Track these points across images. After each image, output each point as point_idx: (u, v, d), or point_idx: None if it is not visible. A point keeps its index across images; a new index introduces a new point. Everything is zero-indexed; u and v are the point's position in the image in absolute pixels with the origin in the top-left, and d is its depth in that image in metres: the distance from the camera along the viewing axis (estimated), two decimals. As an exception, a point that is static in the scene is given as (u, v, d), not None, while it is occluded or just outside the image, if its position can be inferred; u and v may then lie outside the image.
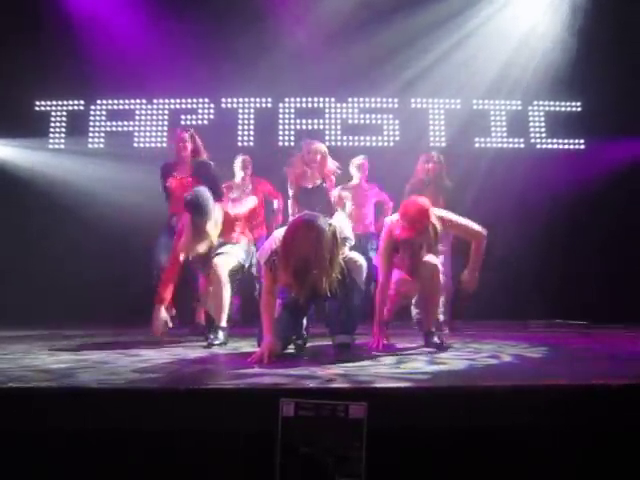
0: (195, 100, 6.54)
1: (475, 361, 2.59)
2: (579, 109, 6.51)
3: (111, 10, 6.19)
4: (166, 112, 6.58)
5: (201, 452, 1.71)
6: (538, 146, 6.55)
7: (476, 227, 3.20)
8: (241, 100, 6.57)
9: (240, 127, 6.50)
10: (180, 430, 1.72)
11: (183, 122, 6.47)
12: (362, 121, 6.51)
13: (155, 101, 6.57)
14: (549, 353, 2.90)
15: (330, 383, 1.92)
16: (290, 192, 4.67)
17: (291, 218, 3.85)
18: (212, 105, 6.53)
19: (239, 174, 5.10)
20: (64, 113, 6.54)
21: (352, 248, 2.81)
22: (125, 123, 6.55)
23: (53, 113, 6.54)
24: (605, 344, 3.53)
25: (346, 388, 1.85)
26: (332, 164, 4.62)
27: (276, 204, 5.20)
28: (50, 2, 6.21)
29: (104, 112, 6.56)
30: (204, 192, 3.37)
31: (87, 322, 5.04)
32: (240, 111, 6.55)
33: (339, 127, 6.49)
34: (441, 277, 3.19)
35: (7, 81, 5.97)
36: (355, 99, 6.54)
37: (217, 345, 3.23)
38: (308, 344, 3.07)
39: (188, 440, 1.71)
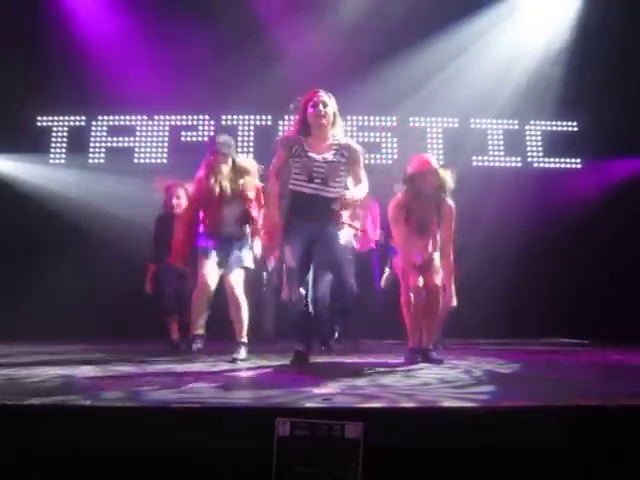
0: (195, 117, 6.60)
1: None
2: (575, 129, 6.58)
3: (113, 27, 6.27)
4: (167, 128, 6.63)
5: (197, 470, 1.69)
6: (535, 165, 6.60)
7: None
8: (241, 117, 6.63)
9: (240, 144, 6.52)
10: (176, 449, 1.70)
11: (183, 139, 6.53)
12: (360, 139, 6.56)
13: (156, 117, 6.63)
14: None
15: (326, 402, 1.91)
16: None
17: None
18: (212, 122, 6.58)
19: None
20: (65, 129, 6.59)
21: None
22: (126, 139, 6.60)
23: (54, 128, 6.59)
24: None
25: (342, 408, 1.83)
26: None
27: None
28: (52, 19, 6.30)
29: (105, 128, 6.61)
30: None
31: (93, 337, 5.02)
32: (240, 128, 6.60)
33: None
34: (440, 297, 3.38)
35: (9, 96, 6.02)
36: (354, 117, 6.60)
37: (241, 360, 3.29)
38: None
39: (183, 458, 1.69)
